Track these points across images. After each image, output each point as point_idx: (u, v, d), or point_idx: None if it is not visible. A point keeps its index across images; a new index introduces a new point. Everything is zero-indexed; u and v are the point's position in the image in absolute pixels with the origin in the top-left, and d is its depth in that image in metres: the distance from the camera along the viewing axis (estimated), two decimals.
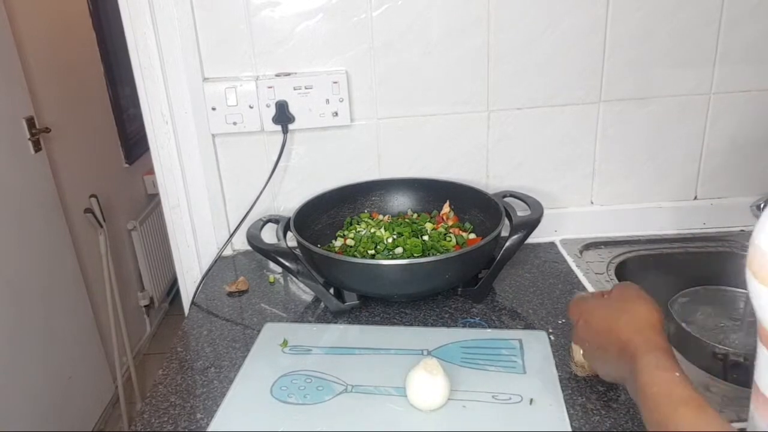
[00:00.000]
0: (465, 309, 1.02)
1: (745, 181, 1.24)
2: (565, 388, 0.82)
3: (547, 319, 0.99)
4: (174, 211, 1.21)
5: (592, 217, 1.25)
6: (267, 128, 1.16)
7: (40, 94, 2.07)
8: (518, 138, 1.20)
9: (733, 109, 1.19)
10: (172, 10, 1.08)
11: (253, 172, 1.20)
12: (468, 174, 1.22)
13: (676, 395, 0.55)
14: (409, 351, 0.91)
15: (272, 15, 1.11)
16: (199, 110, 1.14)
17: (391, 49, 1.14)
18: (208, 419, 0.81)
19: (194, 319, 1.05)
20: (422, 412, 0.78)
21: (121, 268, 2.56)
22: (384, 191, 1.22)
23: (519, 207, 1.09)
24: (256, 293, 1.12)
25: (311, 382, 0.85)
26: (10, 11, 1.90)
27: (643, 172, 1.23)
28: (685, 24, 1.13)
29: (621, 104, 1.18)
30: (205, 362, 0.93)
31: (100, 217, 2.30)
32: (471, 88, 1.16)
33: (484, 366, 0.87)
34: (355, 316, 1.02)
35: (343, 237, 1.14)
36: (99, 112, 2.56)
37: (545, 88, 1.16)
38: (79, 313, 2.23)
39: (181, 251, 1.24)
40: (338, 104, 1.15)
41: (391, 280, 0.98)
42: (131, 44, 1.10)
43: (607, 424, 0.76)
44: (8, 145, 1.86)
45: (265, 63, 1.14)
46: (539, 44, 1.13)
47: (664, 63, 1.15)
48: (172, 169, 1.18)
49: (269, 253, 1.03)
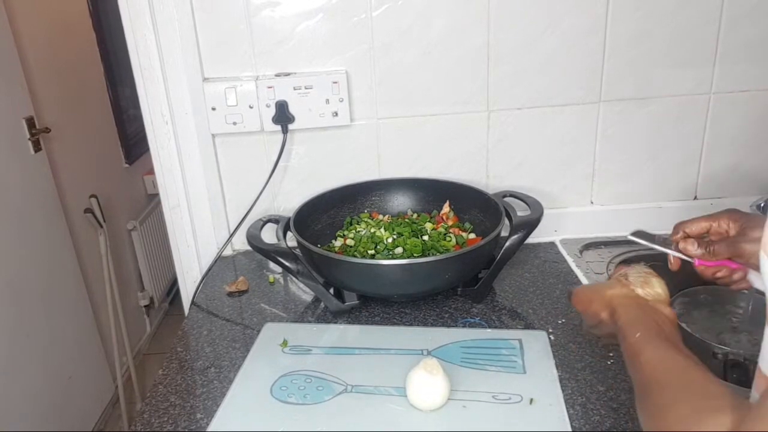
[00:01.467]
0: (465, 309, 1.02)
1: (745, 181, 1.24)
2: (565, 388, 0.82)
3: (547, 319, 0.99)
4: (174, 211, 1.21)
5: (592, 217, 1.25)
6: (267, 128, 1.16)
7: (40, 94, 2.07)
8: (518, 138, 1.20)
9: (733, 109, 1.19)
10: (172, 10, 1.08)
11: (253, 172, 1.20)
12: (468, 174, 1.22)
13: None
14: (409, 351, 0.91)
15: (272, 15, 1.11)
16: (199, 110, 1.14)
17: (391, 49, 1.14)
18: (208, 419, 0.81)
19: (194, 319, 1.05)
20: (422, 412, 0.78)
21: (121, 268, 2.56)
22: (384, 191, 1.22)
23: (519, 207, 1.09)
24: (256, 293, 1.12)
25: (311, 382, 0.85)
26: (10, 11, 1.90)
27: (643, 172, 1.23)
28: (685, 24, 1.13)
29: (621, 104, 1.18)
30: (205, 362, 0.93)
31: (100, 217, 2.30)
32: (471, 88, 1.16)
33: (484, 366, 0.87)
34: (355, 316, 1.02)
35: (343, 237, 1.14)
36: (99, 112, 2.56)
37: (545, 88, 1.16)
38: (79, 313, 2.23)
39: (181, 251, 1.24)
40: (338, 104, 1.15)
41: (391, 280, 0.98)
42: (131, 44, 1.10)
43: (607, 424, 0.76)
44: (8, 145, 1.86)
45: (265, 63, 1.14)
46: (539, 44, 1.13)
47: (664, 63, 1.15)
48: (172, 169, 1.18)
49: (269, 253, 1.03)
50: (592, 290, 0.77)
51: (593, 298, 0.74)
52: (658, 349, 0.60)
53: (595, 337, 0.85)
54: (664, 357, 0.59)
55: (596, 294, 0.74)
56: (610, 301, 0.71)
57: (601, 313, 0.72)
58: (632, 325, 0.66)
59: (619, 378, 0.84)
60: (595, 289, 0.76)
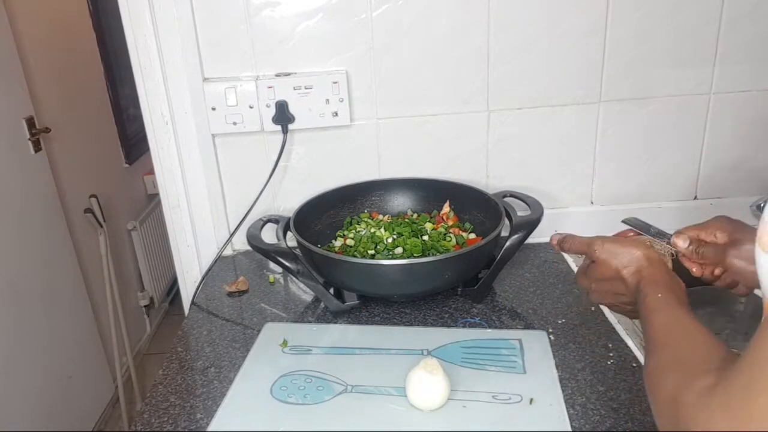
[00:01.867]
0: (465, 309, 1.02)
1: (745, 181, 1.24)
2: (565, 388, 0.82)
3: (547, 319, 0.99)
4: (174, 211, 1.21)
5: (592, 217, 1.24)
6: (267, 128, 1.16)
7: (40, 94, 2.07)
8: (518, 138, 1.20)
9: (733, 109, 1.19)
10: (172, 10, 1.08)
11: (253, 172, 1.20)
12: (468, 174, 1.22)
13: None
14: (409, 351, 0.91)
15: (272, 15, 1.11)
16: (199, 110, 1.14)
17: (391, 49, 1.14)
18: (208, 419, 0.81)
19: (194, 319, 1.05)
20: (422, 412, 0.78)
21: (121, 268, 2.56)
22: (384, 191, 1.22)
23: (519, 207, 1.09)
24: (256, 293, 1.12)
25: (311, 382, 0.85)
26: (10, 11, 1.90)
27: (643, 172, 1.23)
28: (685, 24, 1.13)
29: (621, 104, 1.18)
30: (205, 362, 0.93)
31: (100, 217, 2.30)
32: (471, 88, 1.16)
33: (484, 366, 0.87)
34: (355, 316, 1.02)
35: (343, 237, 1.14)
36: (99, 112, 2.56)
37: (545, 88, 1.16)
38: (79, 313, 2.23)
39: (181, 251, 1.24)
40: (338, 104, 1.15)
41: (391, 280, 0.98)
42: (131, 44, 1.10)
43: (607, 424, 0.76)
44: (8, 145, 1.86)
45: (265, 63, 1.14)
46: (539, 44, 1.13)
47: (664, 63, 1.15)
48: (172, 169, 1.18)
49: (269, 253, 1.03)
50: (619, 244, 0.76)
51: (620, 252, 0.75)
52: (674, 311, 0.62)
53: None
54: (677, 320, 0.61)
55: (625, 249, 0.74)
56: (640, 260, 0.72)
57: (626, 269, 0.73)
58: (657, 284, 0.68)
59: (619, 378, 0.84)
60: (624, 244, 0.76)
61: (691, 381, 0.47)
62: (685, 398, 0.46)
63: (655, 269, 0.71)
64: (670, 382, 0.50)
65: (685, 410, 0.46)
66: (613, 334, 0.94)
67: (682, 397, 0.47)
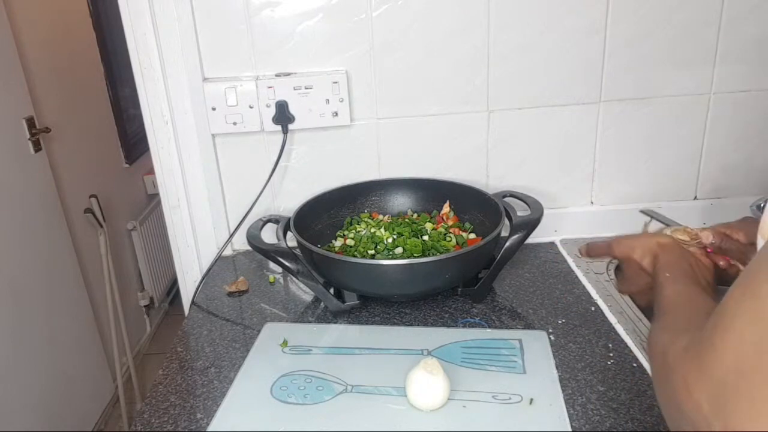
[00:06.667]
0: (465, 309, 1.02)
1: (745, 181, 1.24)
2: (565, 388, 0.82)
3: (547, 319, 0.99)
4: (174, 211, 1.21)
5: (592, 217, 1.25)
6: (267, 128, 1.16)
7: (40, 94, 2.07)
8: (518, 138, 1.20)
9: (733, 109, 1.19)
10: (172, 10, 1.08)
11: (253, 172, 1.20)
12: (468, 174, 1.22)
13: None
14: (409, 351, 0.91)
15: (272, 15, 1.11)
16: (199, 110, 1.14)
17: (391, 49, 1.14)
18: (208, 419, 0.81)
19: (194, 319, 1.05)
20: (422, 412, 0.78)
21: (121, 268, 2.56)
22: (384, 191, 1.22)
23: (519, 207, 1.09)
24: (256, 293, 1.12)
25: (311, 382, 0.85)
26: (10, 12, 1.90)
27: (644, 172, 1.23)
28: (685, 24, 1.13)
29: (621, 104, 1.18)
30: (205, 362, 0.93)
31: (100, 217, 2.30)
32: (471, 88, 1.16)
33: (484, 366, 0.87)
34: (355, 316, 1.02)
35: (343, 237, 1.14)
36: (99, 112, 2.56)
37: (545, 88, 1.16)
38: (79, 313, 2.23)
39: (181, 251, 1.24)
40: (338, 104, 1.15)
41: (391, 280, 0.98)
42: (131, 44, 1.10)
43: (607, 424, 0.76)
44: (8, 145, 1.86)
45: (265, 63, 1.14)
46: (539, 44, 1.13)
47: (664, 63, 1.15)
48: (172, 169, 1.18)
49: (269, 253, 1.03)
50: (634, 238, 0.78)
51: (636, 245, 0.76)
52: (681, 286, 0.64)
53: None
54: (682, 291, 0.62)
55: (639, 241, 0.76)
56: (654, 247, 0.74)
57: (644, 259, 0.74)
58: (669, 266, 0.69)
59: (619, 378, 0.84)
60: (639, 237, 0.78)
61: (675, 339, 0.50)
62: (670, 354, 0.49)
63: (669, 253, 0.72)
64: (662, 340, 0.53)
65: (669, 365, 0.49)
66: (613, 334, 0.94)
67: (668, 353, 0.50)
